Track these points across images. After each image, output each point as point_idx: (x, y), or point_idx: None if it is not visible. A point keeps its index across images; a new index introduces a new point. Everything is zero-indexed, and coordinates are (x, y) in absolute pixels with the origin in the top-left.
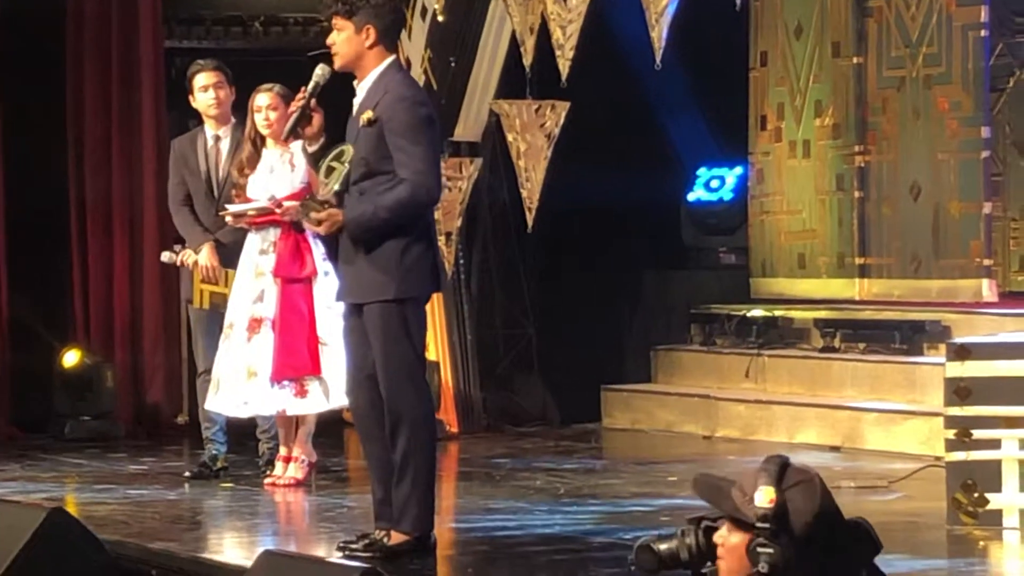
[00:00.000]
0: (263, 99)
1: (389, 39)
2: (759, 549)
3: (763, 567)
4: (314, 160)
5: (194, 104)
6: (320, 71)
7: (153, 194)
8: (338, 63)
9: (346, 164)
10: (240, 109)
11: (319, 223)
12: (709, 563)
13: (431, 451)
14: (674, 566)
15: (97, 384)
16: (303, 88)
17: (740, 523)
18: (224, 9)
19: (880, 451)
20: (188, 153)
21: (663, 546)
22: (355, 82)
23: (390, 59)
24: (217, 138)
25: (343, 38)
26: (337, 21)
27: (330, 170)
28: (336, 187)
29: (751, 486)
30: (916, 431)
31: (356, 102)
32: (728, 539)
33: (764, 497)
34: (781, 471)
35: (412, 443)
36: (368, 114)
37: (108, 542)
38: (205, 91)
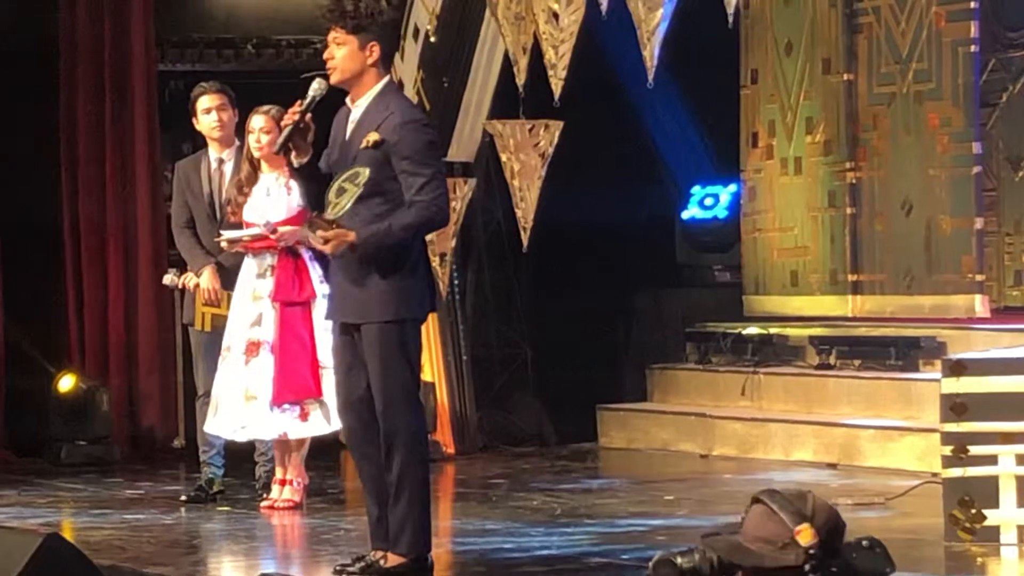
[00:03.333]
0: (258, 121)
1: (388, 60)
2: None
3: None
4: (300, 175)
5: (197, 126)
6: (317, 85)
7: (147, 218)
8: (336, 78)
9: (360, 187)
10: (241, 131)
11: (326, 241)
12: None
13: (426, 472)
14: None
15: (92, 408)
16: (299, 101)
17: (781, 574)
18: (216, 32)
19: (877, 468)
20: (191, 176)
21: (683, 560)
22: (348, 99)
23: (386, 79)
24: (220, 161)
25: (344, 53)
26: (340, 35)
27: (341, 191)
28: (347, 207)
29: (775, 532)
30: (913, 447)
31: (352, 119)
32: None
33: (808, 536)
34: (792, 503)
35: (407, 464)
36: (374, 136)
37: (104, 567)
38: (208, 113)
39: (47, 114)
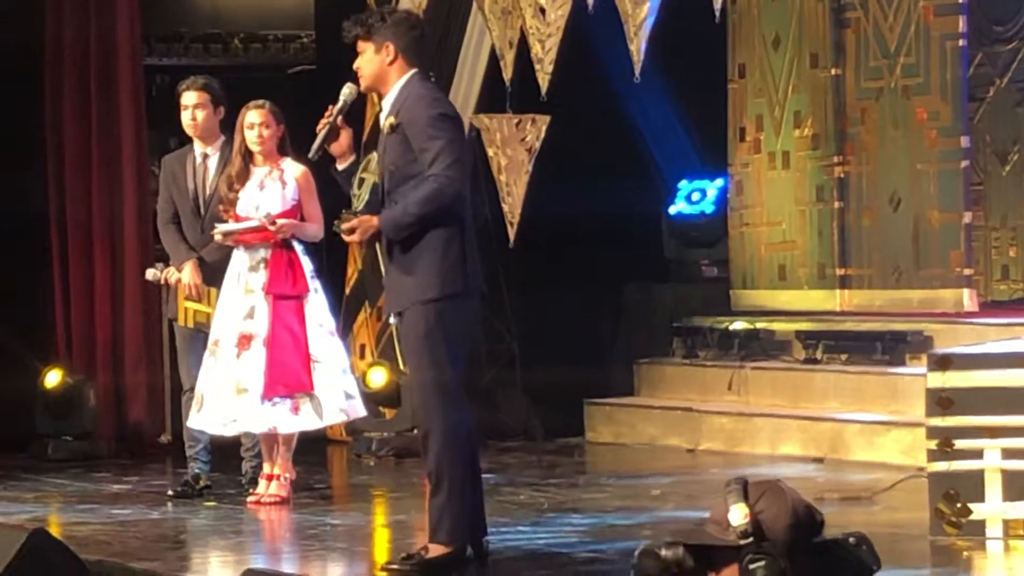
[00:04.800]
0: (254, 116)
1: (411, 54)
2: (751, 566)
3: None
4: (346, 177)
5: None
6: (347, 90)
7: (133, 213)
8: (364, 84)
9: (373, 173)
10: (224, 126)
11: (352, 231)
12: (712, 574)
13: (463, 462)
14: (678, 573)
15: (79, 404)
16: (330, 106)
17: (726, 554)
18: (204, 26)
19: (863, 462)
20: (177, 171)
21: (668, 552)
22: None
23: (410, 72)
24: (205, 156)
25: (366, 59)
26: (359, 44)
27: (361, 181)
28: (367, 196)
29: (722, 513)
30: (899, 442)
31: (382, 117)
32: None
33: (739, 514)
34: (745, 487)
35: (444, 454)
36: (390, 120)
37: (90, 562)
38: (185, 110)
39: (32, 108)
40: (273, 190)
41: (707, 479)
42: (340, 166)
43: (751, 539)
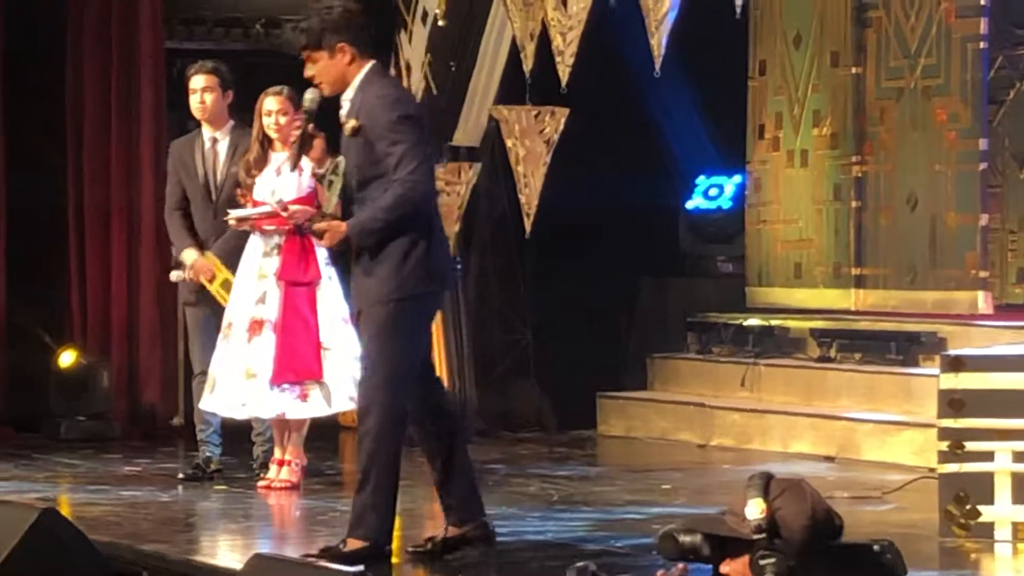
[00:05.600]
0: (272, 103)
1: (364, 46)
2: (761, 561)
3: None
4: (320, 180)
5: None
6: (310, 95)
7: (152, 195)
8: (327, 92)
9: (341, 176)
10: (243, 110)
11: (322, 235)
12: (727, 562)
13: (395, 459)
14: (695, 559)
15: (93, 384)
16: (299, 114)
17: (740, 546)
18: (225, 11)
19: (874, 462)
20: (185, 156)
21: (686, 538)
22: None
23: (368, 66)
24: (215, 140)
25: (321, 67)
26: (311, 54)
27: (330, 184)
28: (335, 199)
29: (742, 505)
30: (910, 442)
31: (342, 114)
32: (734, 567)
33: (755, 509)
34: (767, 483)
35: (377, 450)
36: (352, 123)
37: (100, 543)
38: (194, 94)
39: (53, 92)
40: (289, 177)
41: (718, 475)
42: (318, 170)
43: (764, 535)
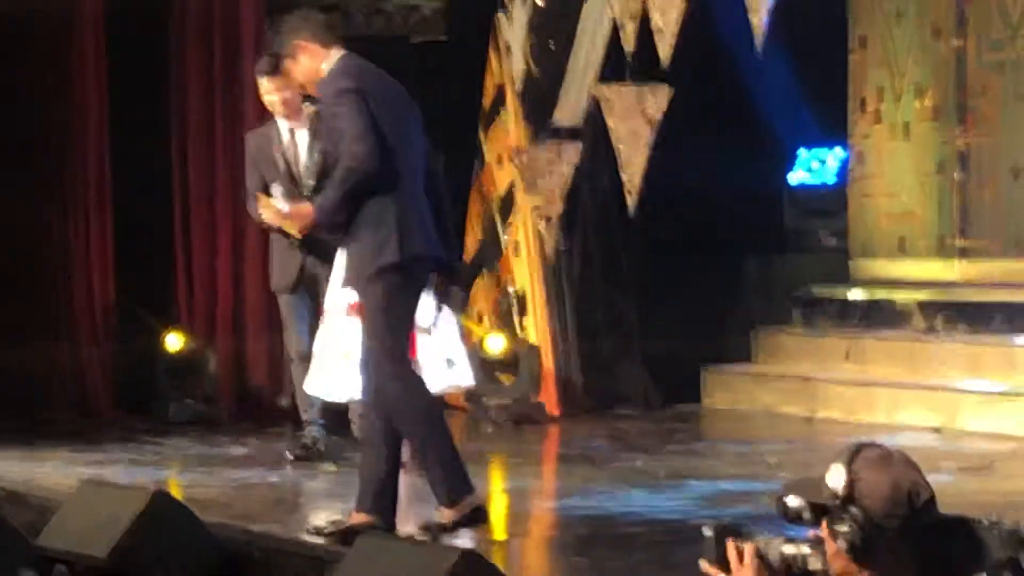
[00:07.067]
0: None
1: (325, 39)
2: (835, 527)
3: (841, 544)
4: None
5: None
6: (306, 111)
7: None
8: (312, 91)
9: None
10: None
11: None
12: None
13: (438, 422)
14: (800, 523)
15: (200, 367)
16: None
17: (827, 515)
18: None
19: (980, 432)
20: (264, 146)
21: (793, 503)
22: None
23: (337, 56)
24: (292, 131)
25: (296, 73)
26: (282, 72)
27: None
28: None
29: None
30: (1016, 412)
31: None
32: (825, 536)
33: (836, 474)
34: (856, 451)
35: (415, 421)
36: (309, 109)
37: (210, 524)
38: (268, 94)
39: (158, 79)
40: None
41: (823, 448)
42: None
43: (838, 502)
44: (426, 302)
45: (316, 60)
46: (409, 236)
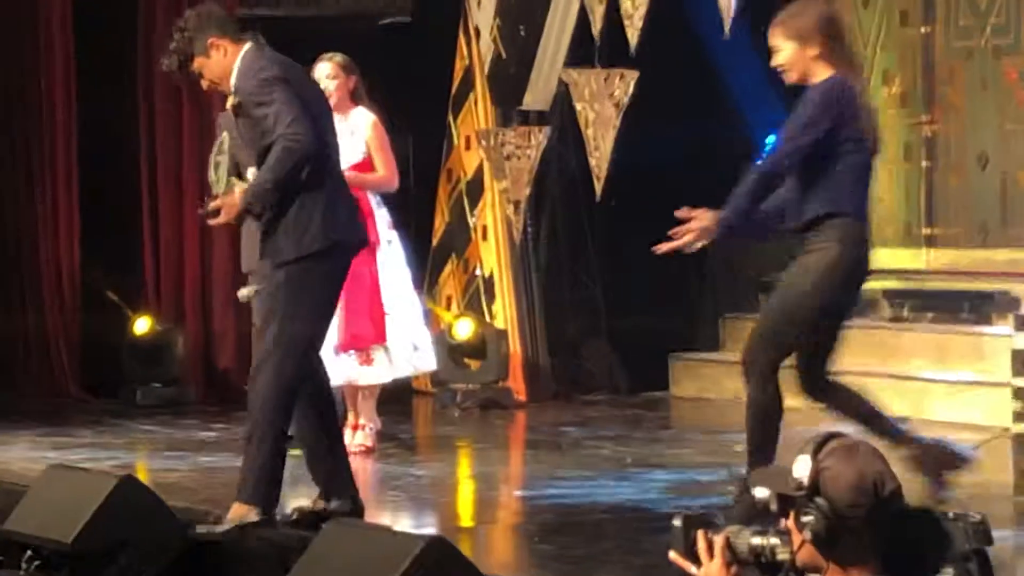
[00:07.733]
0: (323, 68)
1: (232, 33)
2: (801, 519)
3: (807, 535)
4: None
5: None
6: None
7: None
8: (223, 87)
9: (226, 152)
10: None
11: (217, 213)
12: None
13: (284, 421)
14: (762, 513)
15: (168, 350)
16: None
17: (790, 504)
18: None
19: (947, 422)
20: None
21: (760, 495)
22: None
23: (244, 48)
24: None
25: (207, 71)
26: (197, 68)
27: (216, 165)
28: (225, 177)
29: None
30: (984, 402)
31: (230, 100)
32: (789, 524)
33: (801, 465)
34: (823, 441)
35: (270, 410)
36: (232, 100)
37: (177, 509)
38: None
39: (126, 58)
40: (344, 143)
41: (790, 436)
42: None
43: (803, 492)
44: (389, 283)
45: (230, 56)
46: (340, 222)
